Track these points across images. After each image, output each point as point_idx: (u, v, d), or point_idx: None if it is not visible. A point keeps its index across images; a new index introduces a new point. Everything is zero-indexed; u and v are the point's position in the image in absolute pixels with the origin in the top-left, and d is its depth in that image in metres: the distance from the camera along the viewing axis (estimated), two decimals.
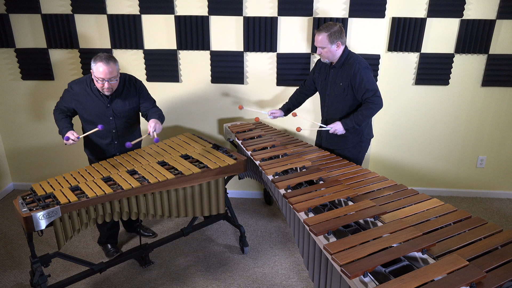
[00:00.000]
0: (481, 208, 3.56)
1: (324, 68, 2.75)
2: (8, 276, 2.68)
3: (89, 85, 2.51)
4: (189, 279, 2.66)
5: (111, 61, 2.35)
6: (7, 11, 3.27)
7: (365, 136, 2.74)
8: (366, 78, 2.51)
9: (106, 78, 2.35)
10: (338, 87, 2.63)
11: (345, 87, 2.60)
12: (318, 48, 2.57)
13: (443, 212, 1.82)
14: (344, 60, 2.59)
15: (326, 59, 2.62)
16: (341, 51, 2.58)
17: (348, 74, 2.56)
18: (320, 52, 2.57)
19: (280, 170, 2.37)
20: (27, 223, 1.92)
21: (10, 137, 3.71)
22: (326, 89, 2.73)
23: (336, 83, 2.64)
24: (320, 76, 2.78)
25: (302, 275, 2.69)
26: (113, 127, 2.60)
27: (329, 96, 2.72)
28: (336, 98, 2.67)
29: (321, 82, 2.77)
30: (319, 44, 2.53)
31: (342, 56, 2.59)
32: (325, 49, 2.54)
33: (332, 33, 2.48)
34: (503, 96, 3.42)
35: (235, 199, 3.74)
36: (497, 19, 3.18)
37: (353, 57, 2.59)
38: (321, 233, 1.68)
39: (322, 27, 2.52)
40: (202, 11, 3.20)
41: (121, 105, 2.57)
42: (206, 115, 3.55)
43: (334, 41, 2.51)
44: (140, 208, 2.33)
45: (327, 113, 2.79)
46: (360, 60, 2.58)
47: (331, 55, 2.57)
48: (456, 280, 1.33)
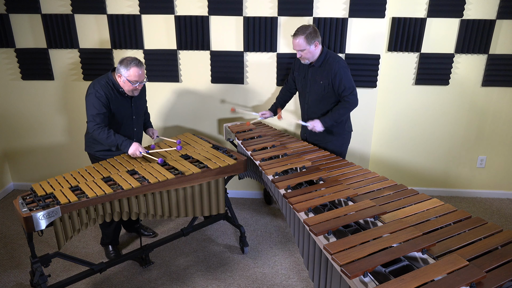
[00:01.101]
0: (481, 208, 3.56)
1: (302, 67, 2.84)
2: (8, 276, 2.68)
3: (112, 87, 2.53)
4: (189, 279, 2.66)
5: (141, 63, 2.51)
6: (7, 11, 3.27)
7: (346, 128, 2.88)
8: (344, 77, 2.65)
9: (140, 80, 2.50)
10: (318, 85, 2.75)
11: (325, 85, 2.72)
12: (297, 51, 2.66)
13: (443, 212, 1.82)
14: (324, 59, 2.70)
15: (306, 60, 2.71)
16: (319, 50, 2.69)
17: (328, 73, 2.68)
18: (300, 54, 2.67)
19: (280, 170, 2.37)
20: (27, 223, 1.92)
21: (10, 137, 3.71)
22: (306, 87, 2.84)
23: (316, 81, 2.75)
24: (299, 75, 2.88)
25: (302, 275, 2.69)
26: (135, 125, 2.73)
27: (309, 93, 2.84)
28: (316, 95, 2.79)
29: (301, 80, 2.87)
30: (298, 47, 2.63)
31: (321, 56, 2.70)
32: (304, 51, 2.63)
33: (308, 34, 2.58)
34: (503, 96, 3.42)
35: (235, 199, 3.74)
36: (497, 19, 3.18)
37: (332, 56, 2.71)
38: (321, 233, 1.68)
39: (297, 31, 2.62)
40: (202, 11, 3.20)
41: (140, 104, 2.73)
42: (206, 115, 3.55)
43: (312, 42, 2.61)
44: (140, 208, 2.33)
45: (308, 110, 2.90)
46: (339, 59, 2.70)
47: (311, 55, 2.67)
48: (456, 280, 1.33)
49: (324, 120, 2.71)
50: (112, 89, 2.53)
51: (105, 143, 2.51)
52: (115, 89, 2.54)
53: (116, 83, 2.52)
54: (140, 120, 2.79)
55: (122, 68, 2.45)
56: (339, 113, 2.70)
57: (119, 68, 2.47)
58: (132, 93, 2.55)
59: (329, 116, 2.72)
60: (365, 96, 3.34)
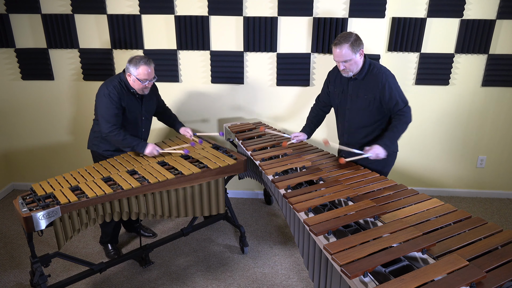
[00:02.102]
0: (481, 208, 3.56)
1: (340, 80, 2.48)
2: (8, 276, 2.68)
3: (124, 87, 2.53)
4: (189, 279, 2.66)
5: (150, 61, 2.49)
6: (7, 11, 3.26)
7: (392, 149, 2.43)
8: (395, 88, 2.30)
9: (149, 78, 2.48)
10: (362, 100, 2.37)
11: (370, 100, 2.34)
12: (340, 63, 2.30)
13: (443, 212, 1.82)
14: (367, 71, 2.34)
15: (350, 73, 2.34)
16: (362, 60, 2.34)
17: (375, 86, 2.31)
18: (344, 66, 2.30)
19: (280, 170, 2.37)
20: (27, 223, 1.92)
21: (10, 137, 3.71)
22: (346, 103, 2.46)
23: (359, 96, 2.38)
24: (336, 90, 2.51)
25: (302, 275, 2.69)
26: (144, 126, 2.72)
27: (350, 110, 2.46)
28: (359, 112, 2.42)
29: (338, 95, 2.50)
30: (343, 57, 2.26)
31: (364, 66, 2.34)
32: (350, 61, 2.27)
33: (353, 42, 2.24)
34: (503, 96, 3.42)
35: (235, 199, 3.74)
36: (497, 19, 3.18)
37: (376, 66, 2.35)
38: (321, 233, 1.68)
39: (339, 39, 2.26)
40: (202, 11, 3.20)
41: (150, 105, 2.72)
42: (206, 115, 3.55)
43: (357, 50, 2.26)
44: (140, 208, 2.33)
45: (348, 129, 2.52)
46: (384, 69, 2.35)
47: (355, 66, 2.31)
48: (456, 280, 1.33)
49: (384, 143, 2.26)
50: (124, 89, 2.53)
51: (120, 145, 2.52)
52: (127, 89, 2.54)
53: (128, 83, 2.53)
54: (149, 122, 2.78)
55: (132, 67, 2.45)
56: (398, 131, 2.28)
57: (128, 67, 2.47)
58: (142, 91, 2.55)
59: (388, 137, 2.28)
60: None
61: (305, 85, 3.38)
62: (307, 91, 3.41)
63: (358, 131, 2.47)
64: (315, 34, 3.20)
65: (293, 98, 3.44)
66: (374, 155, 2.25)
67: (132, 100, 2.58)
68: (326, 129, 3.48)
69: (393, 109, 2.32)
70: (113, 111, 2.45)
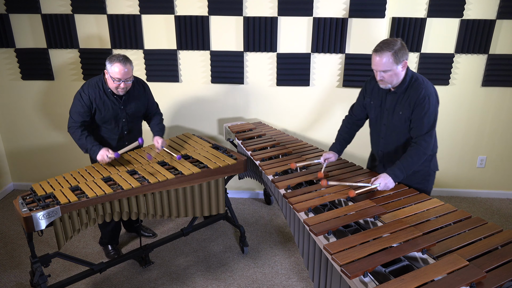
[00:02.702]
0: (481, 208, 3.56)
1: (378, 92, 2.21)
2: (8, 276, 2.68)
3: (102, 88, 2.49)
4: (189, 279, 2.66)
5: (128, 61, 2.39)
6: (7, 11, 3.26)
7: (432, 168, 2.24)
8: (429, 109, 2.00)
9: (122, 78, 2.38)
10: (397, 116, 2.12)
11: (406, 117, 2.08)
12: (378, 72, 2.03)
13: (443, 212, 1.82)
14: (408, 84, 2.06)
15: (388, 85, 2.07)
16: (405, 71, 2.06)
17: (412, 101, 2.04)
18: (382, 76, 2.02)
19: (280, 170, 2.37)
20: (27, 223, 1.92)
21: (10, 137, 3.71)
22: (383, 118, 2.21)
23: (395, 111, 2.12)
24: (373, 102, 2.24)
25: (302, 275, 2.69)
26: (125, 128, 2.64)
27: (386, 126, 2.21)
28: (396, 129, 2.16)
29: (375, 108, 2.24)
30: (381, 67, 1.99)
31: (404, 80, 2.06)
32: (389, 72, 2.00)
33: (397, 50, 1.96)
34: (503, 96, 3.42)
35: (235, 199, 3.74)
36: (497, 19, 3.18)
37: (419, 79, 2.06)
38: (321, 233, 1.68)
39: (382, 46, 1.98)
40: (202, 11, 3.20)
41: (134, 107, 2.62)
42: (206, 115, 3.55)
43: (400, 60, 1.98)
44: (140, 208, 2.33)
45: (383, 147, 2.28)
46: (427, 84, 2.05)
47: (395, 78, 2.03)
48: (456, 280, 1.33)
49: (394, 173, 2.03)
50: (100, 89, 2.48)
51: (77, 144, 2.49)
52: (104, 89, 2.49)
53: (106, 84, 2.48)
54: (135, 124, 2.70)
55: (108, 64, 2.38)
56: (412, 162, 2.03)
57: (106, 64, 2.41)
58: (116, 91, 2.46)
59: (399, 167, 2.03)
60: None
61: (305, 85, 3.38)
62: (307, 91, 3.41)
63: (394, 149, 2.23)
64: (315, 34, 3.20)
65: (293, 98, 3.44)
66: (383, 186, 2.01)
67: (110, 101, 2.51)
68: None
69: (415, 130, 2.05)
70: (77, 109, 2.45)
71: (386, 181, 2.01)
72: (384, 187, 2.01)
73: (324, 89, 3.39)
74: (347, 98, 3.37)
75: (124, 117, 2.60)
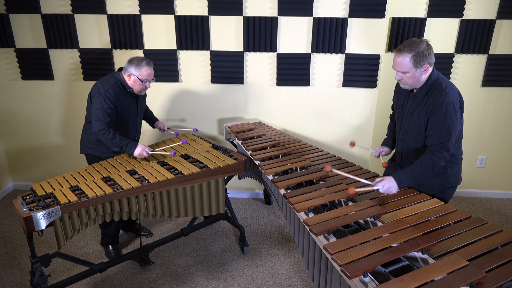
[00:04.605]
0: (481, 208, 3.56)
1: (403, 92, 2.15)
2: (8, 276, 2.68)
3: (121, 87, 2.54)
4: (189, 279, 2.66)
5: (151, 62, 2.53)
6: (7, 11, 3.26)
7: (450, 182, 2.09)
8: (449, 118, 1.88)
9: (150, 79, 2.54)
10: (413, 120, 2.04)
11: (420, 123, 2.00)
12: (397, 72, 1.98)
13: (443, 212, 1.82)
14: (429, 88, 1.97)
15: (407, 86, 2.03)
16: (427, 75, 1.97)
17: (429, 108, 1.94)
18: (401, 77, 1.98)
19: (280, 170, 2.37)
20: (27, 223, 1.92)
21: (10, 137, 3.71)
22: (402, 119, 2.14)
23: (413, 115, 2.04)
24: (398, 100, 2.20)
25: (302, 275, 2.69)
26: (138, 124, 2.77)
27: (404, 128, 2.13)
28: (413, 133, 2.07)
29: (398, 108, 2.19)
30: (400, 67, 1.94)
31: (427, 83, 1.97)
32: (407, 74, 1.94)
33: (419, 53, 1.88)
34: (503, 96, 3.42)
35: (235, 199, 3.74)
36: (497, 19, 3.18)
37: (441, 85, 1.95)
38: (321, 233, 1.68)
39: (404, 45, 1.92)
40: (202, 11, 3.20)
41: (143, 102, 2.80)
42: (206, 115, 3.55)
43: (420, 64, 1.90)
44: (140, 208, 2.33)
45: (401, 148, 2.20)
46: (450, 91, 1.93)
47: (413, 81, 1.97)
48: (456, 280, 1.33)
49: (399, 179, 1.91)
50: (120, 89, 2.54)
51: (109, 144, 2.51)
52: (124, 88, 2.55)
53: (125, 82, 2.54)
54: (141, 119, 2.84)
55: (133, 68, 2.47)
56: (422, 171, 1.91)
57: (128, 68, 2.48)
58: (141, 92, 2.58)
59: (407, 173, 1.92)
60: (365, 96, 3.34)
61: (305, 85, 3.38)
62: (307, 91, 3.41)
63: (411, 153, 2.14)
64: (315, 34, 3.20)
65: (293, 98, 3.44)
66: (385, 189, 1.89)
67: (129, 100, 2.60)
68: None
69: (430, 138, 1.94)
70: (106, 110, 2.45)
71: (389, 185, 1.89)
72: (386, 191, 1.90)
73: (324, 89, 3.39)
74: (347, 98, 3.37)
75: (138, 114, 2.72)
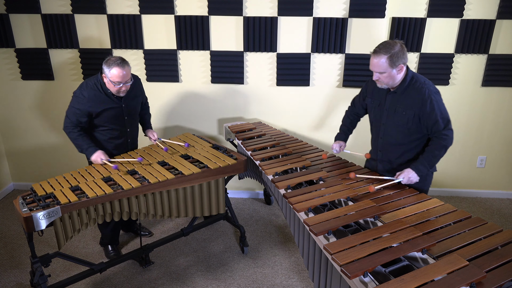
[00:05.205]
0: (481, 208, 3.56)
1: (378, 92, 2.28)
2: (8, 276, 2.68)
3: (100, 89, 2.49)
4: (189, 279, 2.66)
5: (125, 64, 2.40)
6: (7, 11, 3.26)
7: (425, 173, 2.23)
8: (437, 107, 2.06)
9: (123, 81, 2.40)
10: (400, 116, 2.17)
11: (409, 117, 2.13)
12: (374, 73, 2.11)
13: (443, 212, 1.82)
14: (408, 84, 2.13)
15: (384, 85, 2.16)
16: (403, 74, 2.12)
17: (415, 102, 2.09)
18: (378, 77, 2.11)
19: (280, 170, 2.37)
20: (27, 223, 1.92)
21: (10, 137, 3.71)
22: (382, 118, 2.27)
23: (396, 111, 2.18)
24: (373, 102, 2.32)
25: (302, 275, 2.70)
26: (128, 125, 2.67)
27: (385, 125, 2.26)
28: (395, 129, 2.21)
29: (375, 108, 2.31)
30: (377, 68, 2.07)
31: (405, 80, 2.13)
32: (384, 74, 2.07)
33: (393, 54, 2.02)
34: (503, 96, 3.42)
35: (235, 199, 3.74)
36: (497, 19, 3.18)
37: (419, 80, 2.13)
38: (321, 233, 1.68)
39: (380, 47, 2.06)
40: (202, 11, 3.20)
41: (133, 104, 2.66)
42: (206, 115, 3.55)
43: (396, 64, 2.04)
44: (140, 208, 2.33)
45: (381, 146, 2.33)
46: (428, 83, 2.13)
47: (391, 80, 2.11)
48: (456, 280, 1.33)
49: (417, 168, 2.09)
50: (99, 90, 2.48)
51: (73, 143, 2.51)
52: (103, 90, 2.49)
53: (103, 83, 2.48)
54: (134, 121, 2.74)
55: (106, 68, 2.39)
56: (433, 155, 2.08)
57: (103, 68, 2.41)
58: (117, 93, 2.48)
59: (422, 162, 2.09)
60: None
61: (305, 85, 3.38)
62: (307, 91, 3.41)
63: (392, 149, 2.28)
64: (315, 34, 3.20)
65: (293, 98, 3.44)
66: (407, 179, 2.09)
67: (110, 101, 2.52)
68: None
69: (432, 129, 2.10)
70: (75, 111, 2.45)
71: (409, 175, 2.08)
72: (407, 181, 2.09)
73: (324, 89, 3.39)
74: (347, 98, 3.37)
75: (126, 115, 2.62)
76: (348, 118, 2.61)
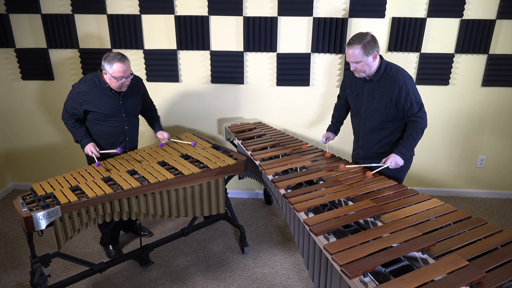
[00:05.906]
0: (481, 208, 3.56)
1: (356, 82, 2.45)
2: (8, 276, 2.68)
3: (98, 84, 2.51)
4: (189, 279, 2.66)
5: (125, 58, 2.44)
6: (7, 11, 3.26)
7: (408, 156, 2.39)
8: (412, 92, 2.24)
9: (125, 76, 2.44)
10: (378, 102, 2.33)
11: (386, 102, 2.29)
12: (351, 63, 2.27)
13: (443, 212, 1.82)
14: (383, 72, 2.30)
15: (362, 74, 2.30)
16: (377, 62, 2.28)
17: (391, 87, 2.26)
18: (355, 67, 2.27)
19: (280, 170, 2.37)
20: (27, 223, 1.92)
21: (10, 137, 3.71)
22: (362, 106, 2.43)
23: (374, 98, 2.34)
24: (352, 92, 2.49)
25: (302, 275, 2.69)
26: (126, 123, 2.67)
27: (365, 113, 2.42)
28: (374, 114, 2.37)
29: (354, 98, 2.48)
30: (353, 58, 2.23)
31: (380, 68, 2.29)
32: (360, 63, 2.23)
33: (366, 43, 2.18)
34: (503, 96, 3.42)
35: (235, 199, 3.74)
36: (497, 19, 3.18)
37: (393, 67, 2.30)
38: (321, 233, 1.68)
39: (353, 39, 2.22)
40: (202, 11, 3.20)
41: (132, 102, 2.66)
42: (206, 115, 3.55)
43: (370, 52, 2.20)
44: (140, 208, 2.33)
45: (363, 133, 2.48)
46: (402, 70, 2.30)
47: (367, 68, 2.26)
48: (456, 280, 1.33)
49: (401, 152, 2.26)
50: (97, 85, 2.51)
51: (70, 132, 2.61)
52: (101, 86, 2.51)
53: (103, 80, 2.50)
54: (133, 119, 2.73)
55: (106, 65, 2.41)
56: (413, 138, 2.27)
57: (103, 65, 2.44)
58: (119, 89, 2.51)
59: (403, 145, 2.27)
60: None
61: (305, 85, 3.38)
62: (307, 91, 3.41)
63: (373, 135, 2.42)
64: (315, 34, 3.21)
65: (293, 98, 3.44)
66: (394, 164, 2.24)
67: (108, 96, 2.53)
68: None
69: (407, 113, 2.27)
70: (70, 103, 2.55)
71: (395, 160, 2.24)
72: (394, 165, 2.25)
73: (324, 89, 3.39)
74: None
75: (123, 112, 2.62)
76: (336, 111, 2.79)
